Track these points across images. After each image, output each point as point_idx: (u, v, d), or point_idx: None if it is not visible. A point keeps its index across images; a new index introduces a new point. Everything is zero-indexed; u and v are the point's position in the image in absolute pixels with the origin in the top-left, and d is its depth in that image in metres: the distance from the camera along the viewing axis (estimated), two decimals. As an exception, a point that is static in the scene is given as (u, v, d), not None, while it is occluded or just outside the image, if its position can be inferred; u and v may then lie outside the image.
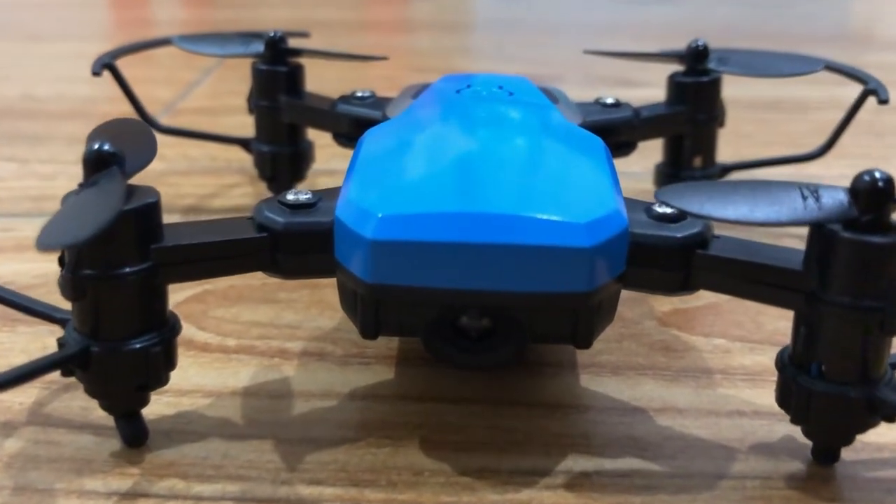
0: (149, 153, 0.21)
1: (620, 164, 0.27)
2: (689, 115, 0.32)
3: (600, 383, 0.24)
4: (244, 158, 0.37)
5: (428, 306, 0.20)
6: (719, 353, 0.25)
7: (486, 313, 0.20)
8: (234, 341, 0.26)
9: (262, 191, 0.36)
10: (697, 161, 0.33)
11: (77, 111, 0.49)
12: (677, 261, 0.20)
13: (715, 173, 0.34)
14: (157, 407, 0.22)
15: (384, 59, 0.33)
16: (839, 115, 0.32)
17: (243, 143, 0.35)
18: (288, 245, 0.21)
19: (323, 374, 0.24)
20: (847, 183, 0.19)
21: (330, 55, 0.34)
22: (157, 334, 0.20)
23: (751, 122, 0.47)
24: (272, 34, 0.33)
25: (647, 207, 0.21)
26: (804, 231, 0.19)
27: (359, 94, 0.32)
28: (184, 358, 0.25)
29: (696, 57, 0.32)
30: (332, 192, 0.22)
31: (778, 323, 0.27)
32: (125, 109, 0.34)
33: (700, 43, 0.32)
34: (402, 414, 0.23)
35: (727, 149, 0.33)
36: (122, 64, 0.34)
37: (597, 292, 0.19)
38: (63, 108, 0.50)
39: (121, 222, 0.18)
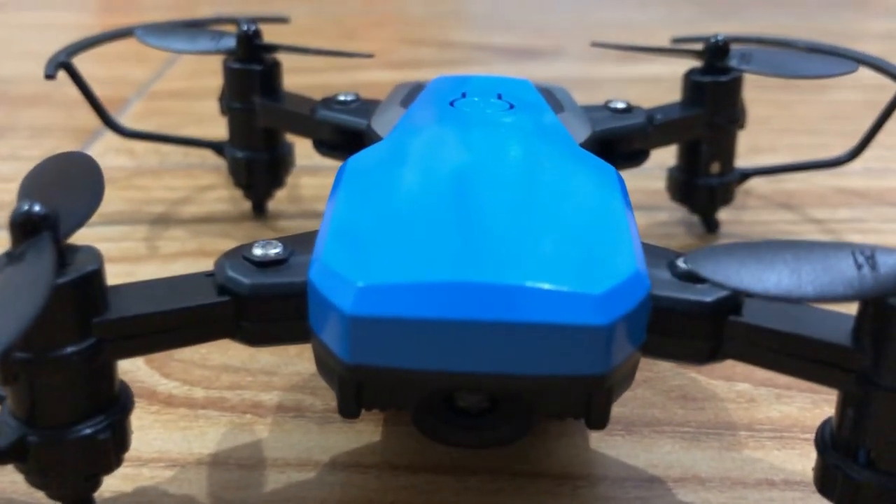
0: (92, 201, 0.18)
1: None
2: (706, 118, 0.29)
3: (612, 445, 0.21)
4: (219, 156, 0.34)
5: (418, 388, 0.17)
6: (743, 403, 0.23)
7: (486, 394, 0.18)
8: (203, 392, 0.23)
9: (239, 195, 0.33)
10: (715, 167, 0.30)
11: (43, 96, 0.45)
12: (706, 329, 0.17)
13: (733, 180, 0.31)
14: (114, 482, 0.20)
15: (369, 56, 0.30)
16: (858, 97, 0.29)
17: (216, 148, 0.32)
18: (255, 311, 0.18)
19: (300, 436, 0.22)
20: (874, 175, 0.16)
21: (310, 52, 0.30)
22: (105, 417, 0.17)
23: (764, 104, 0.43)
24: (245, 28, 0.30)
25: (671, 262, 0.18)
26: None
27: (341, 98, 0.28)
28: (145, 415, 0.22)
29: (715, 53, 0.29)
30: (307, 242, 0.19)
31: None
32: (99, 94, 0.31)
33: (720, 38, 0.29)
34: (389, 489, 0.20)
35: (741, 137, 0.30)
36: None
37: (614, 373, 0.17)
38: (27, 91, 0.47)
39: (55, 298, 0.16)
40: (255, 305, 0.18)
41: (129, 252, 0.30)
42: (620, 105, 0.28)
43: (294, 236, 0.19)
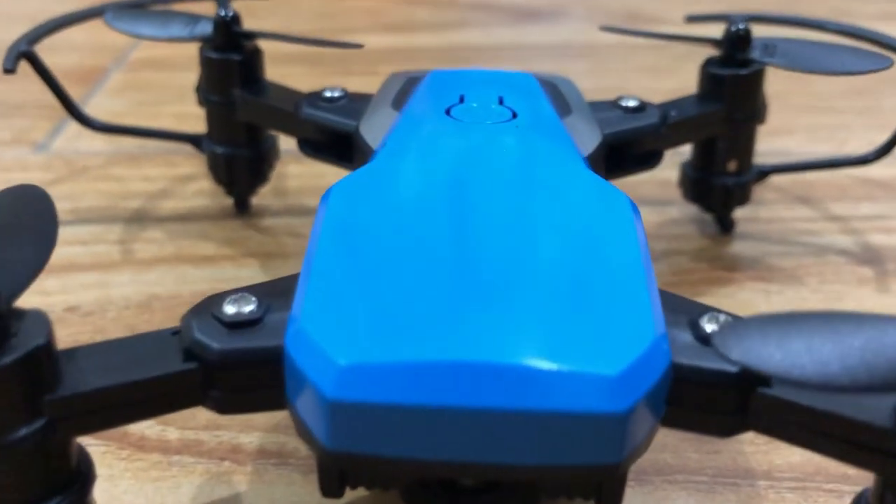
0: (42, 250, 0.16)
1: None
2: (725, 113, 0.27)
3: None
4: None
5: (407, 474, 0.15)
6: (761, 447, 0.21)
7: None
8: (177, 434, 0.21)
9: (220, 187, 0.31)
10: (732, 165, 0.28)
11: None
12: (731, 401, 0.16)
13: (751, 179, 0.29)
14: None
15: (359, 46, 0.27)
16: (877, 74, 0.26)
17: (193, 142, 0.30)
18: (225, 379, 0.16)
19: (282, 488, 0.20)
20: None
21: (293, 39, 0.28)
22: (63, 497, 0.16)
23: (780, 78, 0.41)
24: (222, 13, 0.27)
25: (693, 320, 0.16)
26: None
27: (327, 94, 0.26)
28: (115, 461, 0.21)
29: (735, 44, 0.27)
30: (286, 292, 0.17)
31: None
32: (66, 67, 0.28)
33: (741, 27, 0.27)
34: (379, 554, 0.18)
35: None
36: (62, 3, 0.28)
37: (629, 459, 0.15)
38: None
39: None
40: (226, 373, 0.16)
41: (101, 258, 0.28)
42: (632, 103, 0.26)
43: (271, 284, 0.17)
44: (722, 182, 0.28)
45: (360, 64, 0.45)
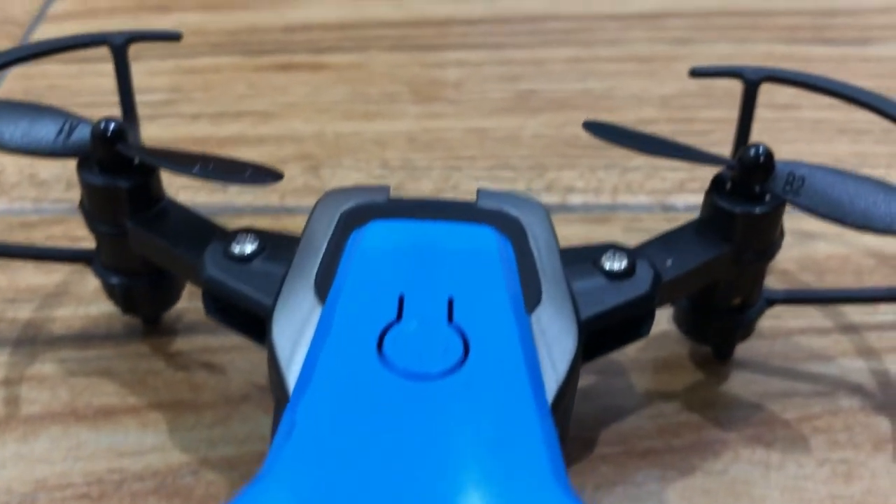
0: None
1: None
2: (733, 256, 0.22)
3: None
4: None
5: None
6: None
7: None
8: None
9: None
10: (736, 300, 0.23)
11: None
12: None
13: (757, 313, 0.24)
14: None
15: (279, 177, 0.21)
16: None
17: (85, 259, 0.24)
18: None
19: None
20: None
21: (193, 174, 0.21)
22: None
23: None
24: (102, 126, 0.21)
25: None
26: None
27: (236, 250, 0.20)
28: None
29: (751, 172, 0.21)
30: None
31: None
32: None
33: (760, 150, 0.21)
34: None
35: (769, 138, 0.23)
36: None
37: None
38: None
39: None
40: None
41: (-22, 413, 0.23)
42: (617, 265, 0.21)
43: None
44: (722, 319, 0.24)
45: (304, 53, 0.39)
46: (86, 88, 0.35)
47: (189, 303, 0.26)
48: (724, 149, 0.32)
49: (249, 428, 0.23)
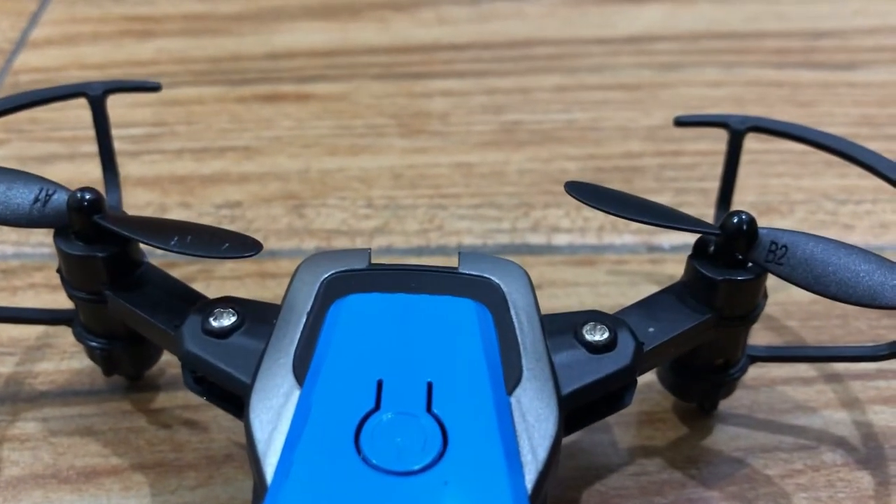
0: None
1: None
2: (716, 321, 0.22)
3: None
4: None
5: None
6: None
7: None
8: None
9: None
10: (719, 361, 0.23)
11: None
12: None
13: (740, 372, 0.24)
14: None
15: (256, 250, 0.21)
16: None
17: (65, 321, 0.24)
18: None
19: None
20: None
21: (170, 249, 0.20)
22: None
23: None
24: (79, 196, 0.21)
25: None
26: None
27: (214, 324, 0.20)
28: None
29: (735, 240, 0.21)
30: None
31: None
32: None
33: (744, 218, 0.21)
34: None
35: (744, 185, 0.23)
36: None
37: None
38: None
39: None
40: None
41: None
42: (599, 337, 0.21)
43: None
44: (705, 379, 0.24)
45: (289, 82, 0.38)
46: (68, 122, 0.35)
47: (171, 356, 0.26)
48: (711, 184, 0.32)
49: (232, 491, 0.23)
